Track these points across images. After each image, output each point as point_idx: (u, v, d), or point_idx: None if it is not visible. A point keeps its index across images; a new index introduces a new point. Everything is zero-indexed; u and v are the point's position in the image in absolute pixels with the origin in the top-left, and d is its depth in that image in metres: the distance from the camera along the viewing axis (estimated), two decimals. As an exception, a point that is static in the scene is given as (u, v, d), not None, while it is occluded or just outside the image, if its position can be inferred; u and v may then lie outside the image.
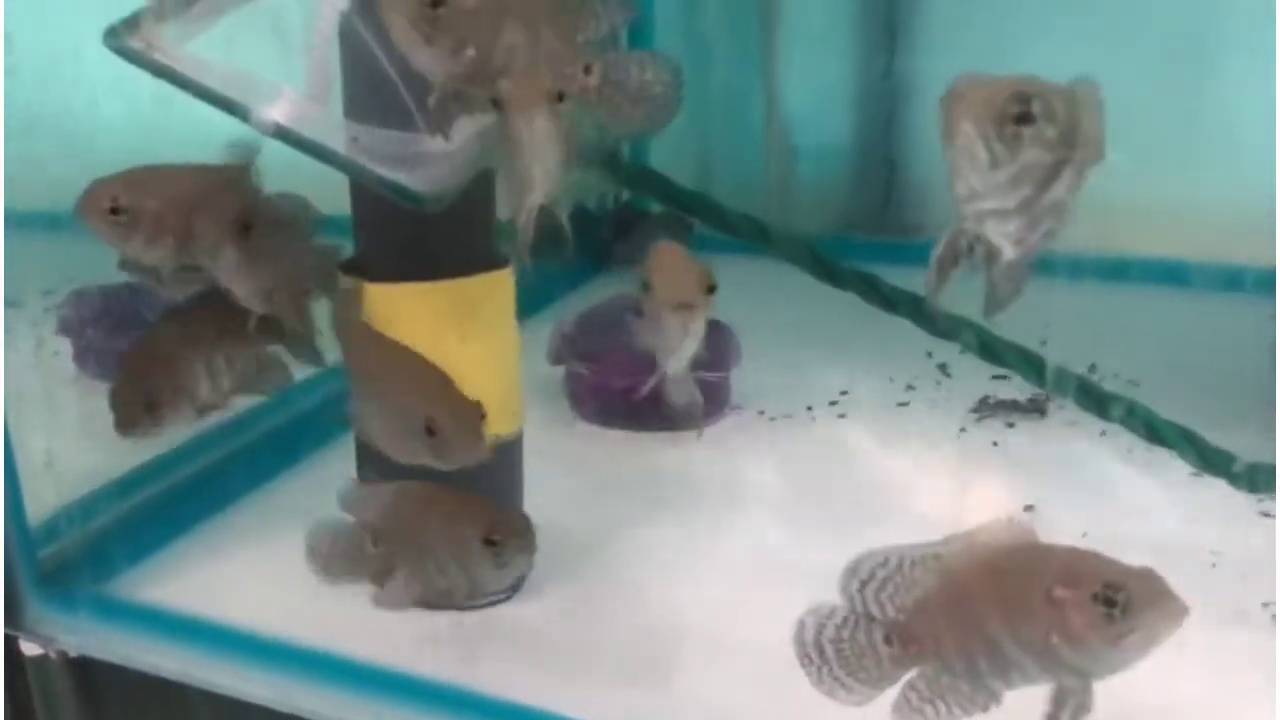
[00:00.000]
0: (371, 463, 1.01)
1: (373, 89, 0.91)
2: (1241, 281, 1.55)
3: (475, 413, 0.93)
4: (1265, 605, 1.06)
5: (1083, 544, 1.16)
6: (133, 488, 1.13)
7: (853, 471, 1.32)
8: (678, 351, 0.92)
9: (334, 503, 1.02)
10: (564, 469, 1.31)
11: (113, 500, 1.13)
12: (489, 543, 0.97)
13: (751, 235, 0.99)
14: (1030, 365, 0.98)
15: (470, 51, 0.77)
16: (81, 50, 1.03)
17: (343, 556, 1.02)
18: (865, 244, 1.99)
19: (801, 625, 0.79)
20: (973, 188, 0.66)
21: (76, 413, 1.23)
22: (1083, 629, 0.71)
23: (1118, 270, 1.80)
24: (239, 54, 0.91)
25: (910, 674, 0.78)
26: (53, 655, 1.06)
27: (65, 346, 1.47)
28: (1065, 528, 1.19)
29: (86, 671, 1.07)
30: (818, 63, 2.14)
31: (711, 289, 0.89)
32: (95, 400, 1.05)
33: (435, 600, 1.02)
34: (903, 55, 2.09)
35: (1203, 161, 1.86)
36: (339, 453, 1.10)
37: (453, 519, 0.99)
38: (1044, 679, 0.75)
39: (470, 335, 1.00)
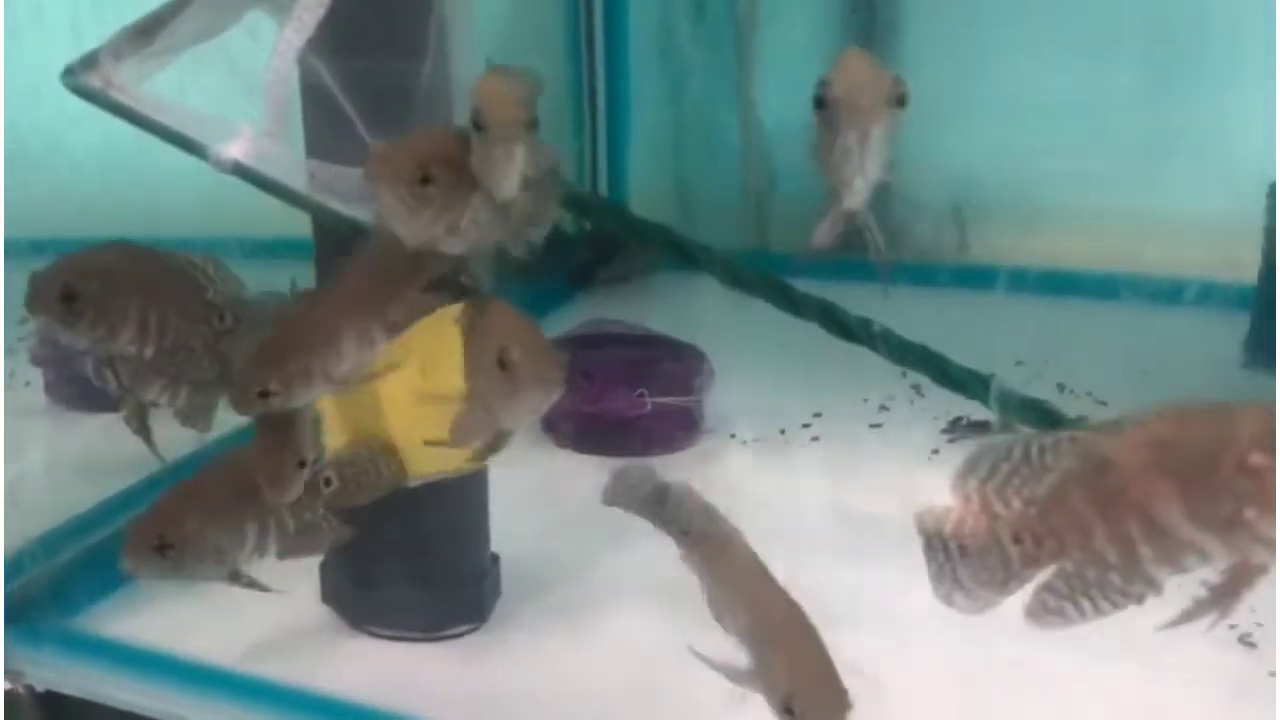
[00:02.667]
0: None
1: (331, 125, 0.91)
2: (1210, 295, 1.55)
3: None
4: (1232, 627, 1.06)
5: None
6: (97, 523, 1.13)
7: (825, 496, 1.32)
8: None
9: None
10: (535, 495, 1.31)
11: (77, 535, 1.13)
12: None
13: (709, 265, 0.99)
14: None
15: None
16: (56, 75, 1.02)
17: None
18: (843, 262, 1.99)
19: (920, 519, 0.73)
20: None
21: (44, 446, 1.23)
22: None
23: (1081, 286, 1.81)
24: (197, 92, 0.92)
25: (1045, 573, 0.69)
26: (21, 690, 1.06)
27: (37, 377, 1.47)
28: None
29: (55, 706, 1.06)
30: (795, 78, 2.15)
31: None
32: (63, 433, 1.05)
33: None
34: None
35: (1181, 172, 1.87)
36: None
37: None
38: (1225, 559, 0.65)
39: (432, 367, 1.00)
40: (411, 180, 0.76)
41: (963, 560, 0.71)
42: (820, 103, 0.70)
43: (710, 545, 0.88)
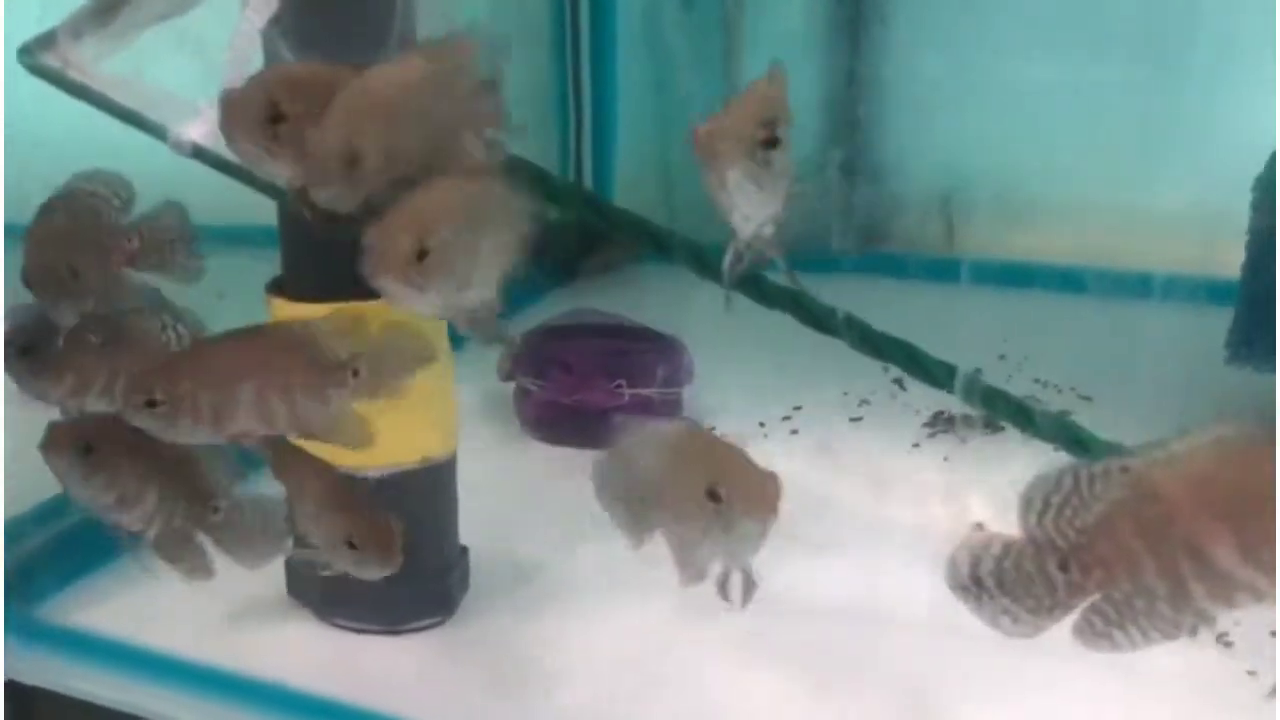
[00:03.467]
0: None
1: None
2: (1193, 290, 1.54)
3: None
4: (1220, 636, 1.05)
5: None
6: (59, 511, 1.11)
7: (804, 490, 1.30)
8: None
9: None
10: (510, 487, 1.30)
11: (40, 523, 1.12)
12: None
13: (679, 254, 0.97)
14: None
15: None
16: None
17: None
18: (831, 256, 1.98)
19: (953, 564, 0.72)
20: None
21: (8, 433, 1.21)
22: None
23: (1064, 280, 1.80)
24: (156, 72, 0.90)
25: (1093, 597, 0.69)
26: (-16, 680, 1.05)
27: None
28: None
29: (17, 697, 1.05)
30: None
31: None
32: (26, 417, 1.03)
33: None
34: (868, 61, 2.08)
35: (1166, 166, 1.86)
36: (264, 480, 1.08)
37: None
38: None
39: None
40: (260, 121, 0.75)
41: (1002, 592, 0.70)
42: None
43: None
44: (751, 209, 0.77)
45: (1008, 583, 0.70)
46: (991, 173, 2.01)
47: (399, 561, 0.90)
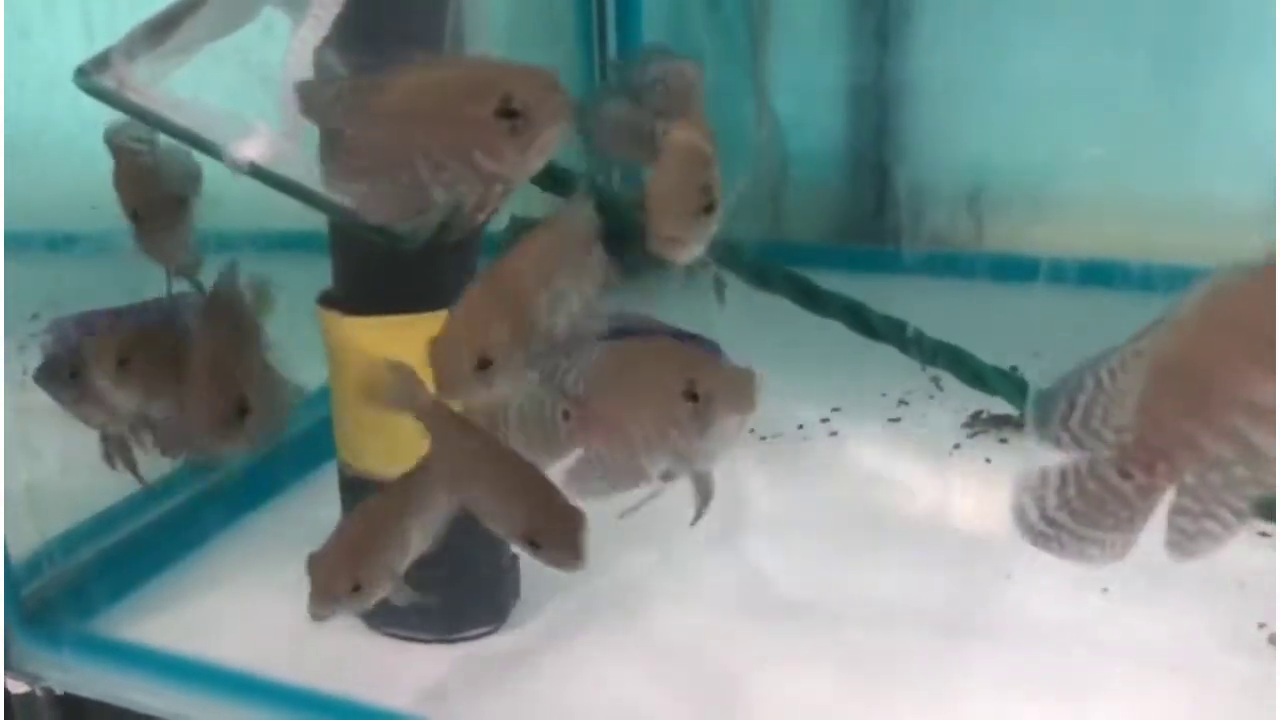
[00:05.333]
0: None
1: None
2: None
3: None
4: (1261, 626, 1.05)
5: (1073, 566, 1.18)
6: (113, 523, 1.12)
7: (845, 492, 1.31)
8: None
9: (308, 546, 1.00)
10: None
11: (94, 536, 1.13)
12: None
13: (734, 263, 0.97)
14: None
15: None
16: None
17: None
18: (856, 251, 1.98)
19: (1021, 512, 0.67)
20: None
21: (58, 445, 1.22)
22: None
23: (1098, 275, 1.79)
24: (212, 91, 0.90)
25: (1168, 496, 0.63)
26: (39, 693, 1.05)
27: (50, 374, 1.46)
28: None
29: (73, 708, 1.06)
30: (808, 66, 2.13)
31: None
32: (79, 431, 1.05)
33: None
34: (895, 55, 2.08)
35: (1198, 158, 1.85)
36: (318, 486, 1.09)
37: None
38: None
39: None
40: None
41: (1078, 523, 0.66)
42: None
43: None
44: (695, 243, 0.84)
45: (1080, 511, 0.65)
46: (1020, 167, 2.00)
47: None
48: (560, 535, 0.82)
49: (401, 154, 0.75)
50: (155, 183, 0.98)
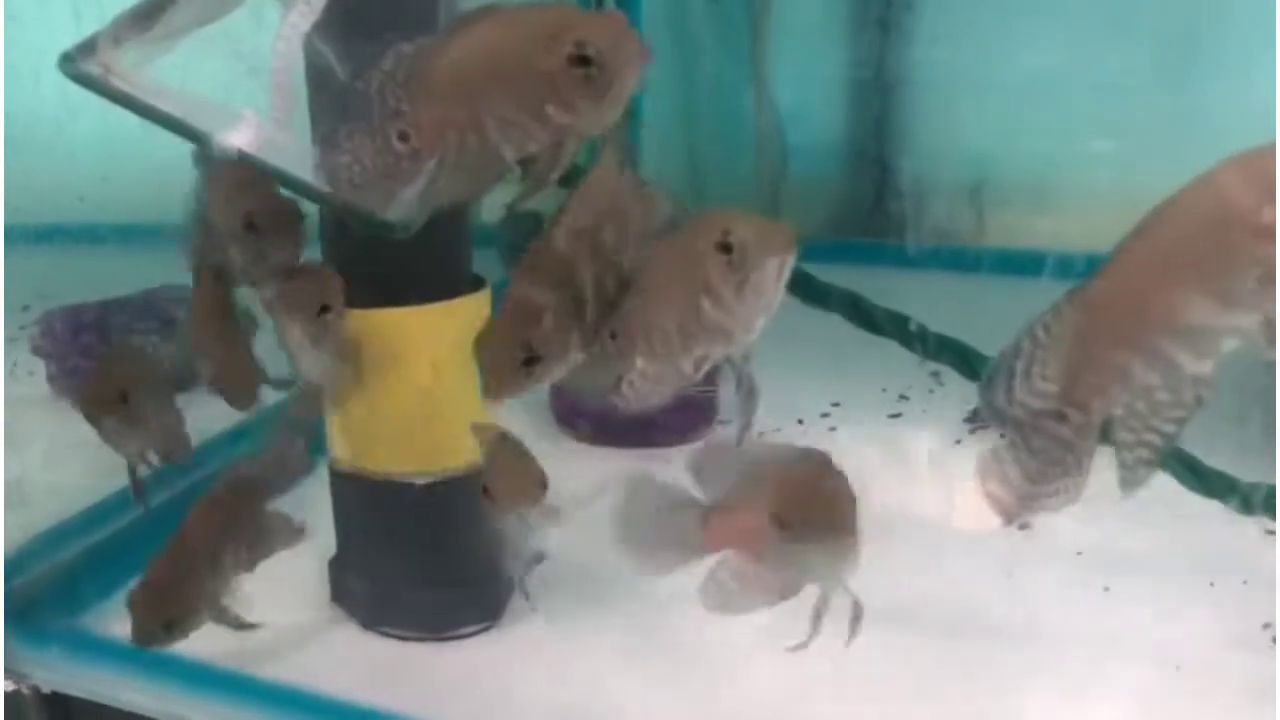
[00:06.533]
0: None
1: (338, 111, 0.88)
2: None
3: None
4: (1266, 626, 1.04)
5: (1078, 561, 1.16)
6: (101, 519, 1.10)
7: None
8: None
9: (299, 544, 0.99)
10: (550, 489, 1.29)
11: (82, 532, 1.11)
12: None
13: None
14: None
15: None
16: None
17: None
18: (855, 244, 1.96)
19: (995, 498, 0.71)
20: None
21: (47, 439, 1.20)
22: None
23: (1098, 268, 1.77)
24: (199, 78, 0.88)
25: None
26: (25, 690, 1.04)
27: (40, 367, 1.44)
28: (1062, 542, 1.18)
29: (60, 707, 1.04)
30: (808, 58, 2.11)
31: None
32: (67, 425, 1.03)
33: None
34: (896, 47, 2.06)
35: (1199, 153, 1.83)
36: (306, 486, 1.07)
37: None
38: (1258, 325, 0.63)
39: (443, 362, 0.97)
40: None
41: (1035, 480, 0.69)
42: None
43: None
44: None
45: (1036, 471, 0.69)
46: (1021, 161, 1.98)
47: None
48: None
49: (469, 118, 0.71)
50: (270, 192, 0.91)
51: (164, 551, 0.93)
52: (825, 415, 1.44)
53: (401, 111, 0.73)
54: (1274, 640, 1.02)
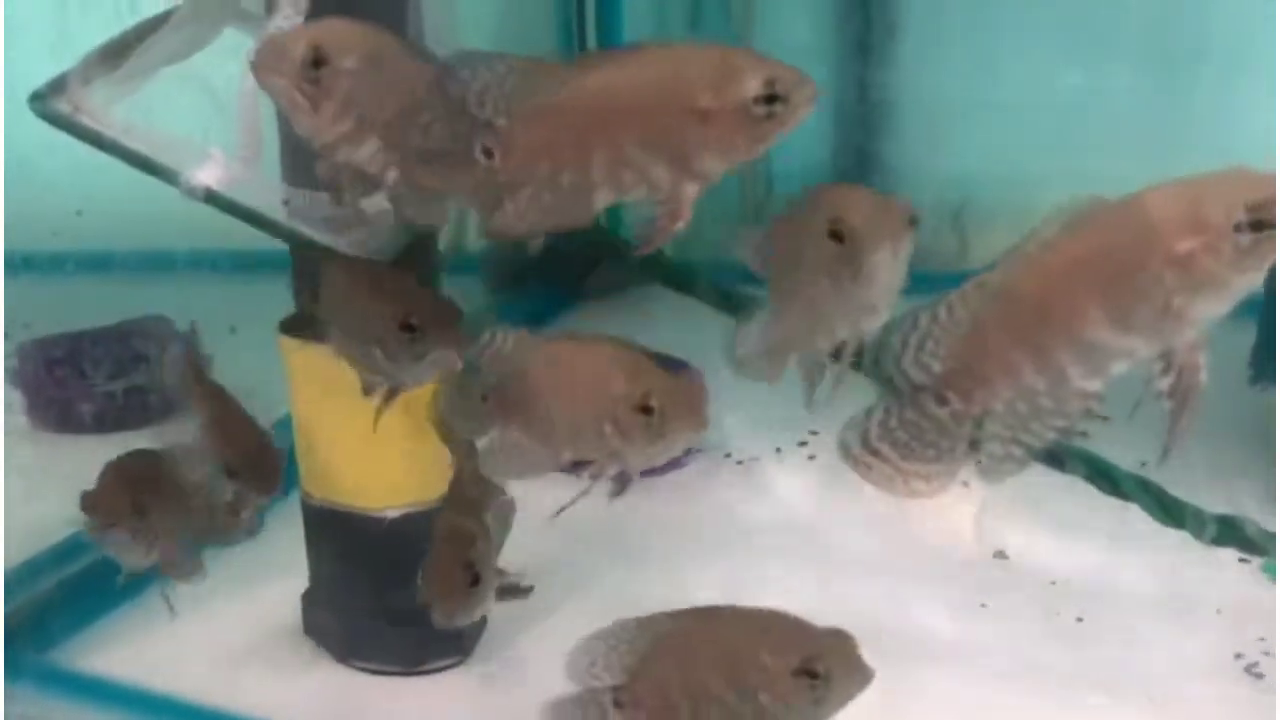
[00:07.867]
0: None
1: (306, 149, 0.88)
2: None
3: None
4: (1238, 656, 1.04)
5: (1052, 590, 1.16)
6: (72, 554, 1.10)
7: (822, 515, 1.30)
8: None
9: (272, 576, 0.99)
10: (525, 515, 1.28)
11: (53, 566, 1.10)
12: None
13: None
14: None
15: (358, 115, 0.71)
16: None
17: None
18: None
19: (843, 444, 0.71)
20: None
21: (22, 471, 1.20)
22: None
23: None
24: (167, 117, 0.89)
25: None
26: (-4, 724, 1.04)
27: (17, 399, 1.44)
28: (1035, 573, 1.18)
29: (32, 741, 1.04)
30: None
31: None
32: (43, 457, 1.03)
33: None
34: (879, 70, 2.06)
35: (1177, 175, 1.84)
36: (280, 521, 1.07)
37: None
38: (1151, 353, 0.62)
39: (411, 396, 0.97)
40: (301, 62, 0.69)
41: (901, 456, 0.68)
42: None
43: None
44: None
45: (901, 442, 0.68)
46: (1004, 182, 1.99)
47: None
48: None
49: (575, 151, 0.67)
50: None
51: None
52: (803, 443, 1.44)
53: (495, 125, 0.68)
54: (1248, 669, 1.02)
